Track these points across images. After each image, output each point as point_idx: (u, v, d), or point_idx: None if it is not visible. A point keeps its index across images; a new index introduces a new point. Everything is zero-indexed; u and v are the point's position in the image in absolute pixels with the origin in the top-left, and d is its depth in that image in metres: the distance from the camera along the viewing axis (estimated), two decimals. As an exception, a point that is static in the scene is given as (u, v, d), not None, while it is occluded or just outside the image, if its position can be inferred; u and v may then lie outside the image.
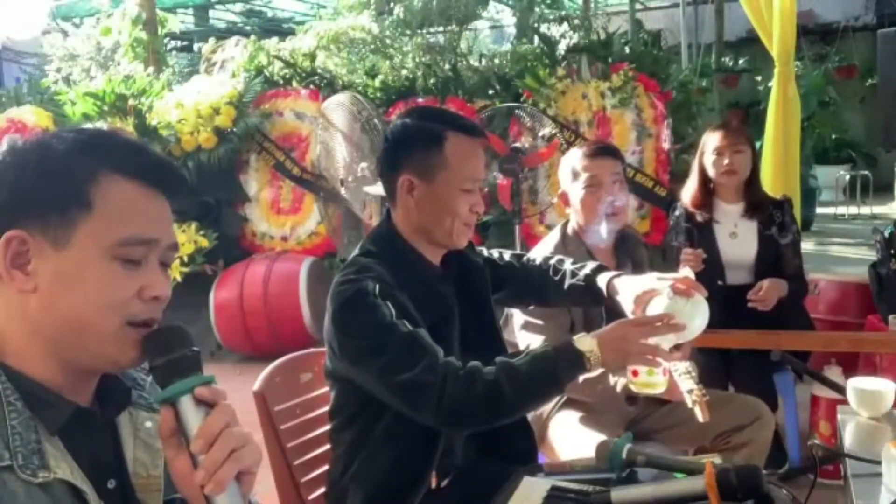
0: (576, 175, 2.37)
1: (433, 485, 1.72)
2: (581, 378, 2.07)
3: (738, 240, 3.02)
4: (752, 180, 3.02)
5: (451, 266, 1.80)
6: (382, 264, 1.66)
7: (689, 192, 3.10)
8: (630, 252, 2.45)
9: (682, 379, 1.84)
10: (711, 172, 3.01)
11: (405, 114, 1.81)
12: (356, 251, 1.75)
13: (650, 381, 1.59)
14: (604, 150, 2.42)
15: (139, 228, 0.94)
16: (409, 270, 1.69)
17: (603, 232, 2.33)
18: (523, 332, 2.27)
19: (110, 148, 0.96)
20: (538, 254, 2.36)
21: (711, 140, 3.01)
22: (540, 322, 2.23)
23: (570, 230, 2.43)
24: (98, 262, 0.91)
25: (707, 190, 3.05)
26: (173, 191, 0.99)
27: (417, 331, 1.55)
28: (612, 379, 2.06)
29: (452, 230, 1.71)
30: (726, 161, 2.96)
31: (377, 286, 1.58)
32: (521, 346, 2.27)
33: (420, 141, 1.69)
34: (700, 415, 1.75)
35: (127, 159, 0.95)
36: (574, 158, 2.40)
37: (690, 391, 1.80)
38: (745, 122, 10.56)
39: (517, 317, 2.31)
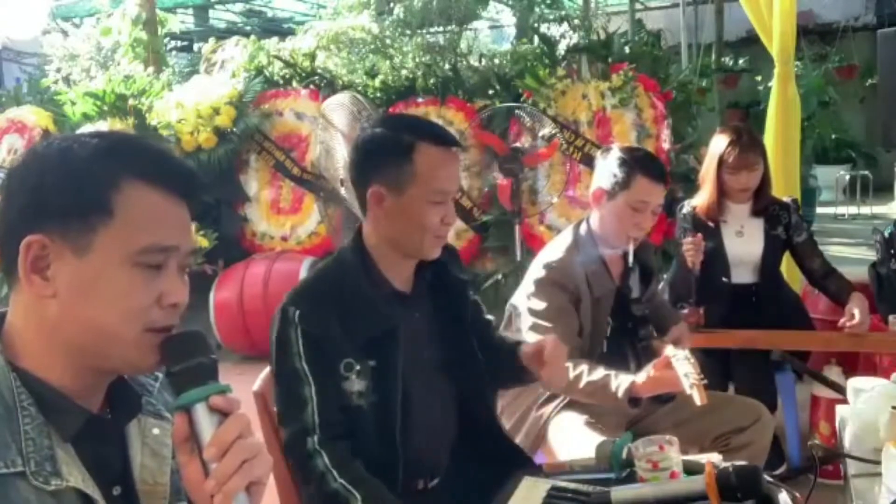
0: (626, 187, 2.22)
1: (420, 486, 1.73)
2: (583, 382, 2.08)
3: (745, 239, 3.02)
4: (763, 184, 3.01)
5: (422, 280, 1.76)
6: (337, 277, 1.69)
7: (703, 201, 3.04)
8: (639, 256, 2.39)
9: (680, 364, 1.85)
10: (727, 183, 2.98)
11: (375, 122, 1.79)
12: (325, 260, 1.79)
13: (657, 474, 1.53)
14: (661, 175, 2.26)
15: (161, 236, 0.93)
16: (356, 288, 1.67)
17: (629, 256, 2.28)
18: (531, 334, 2.23)
19: (133, 154, 0.95)
20: (548, 255, 2.33)
21: (727, 155, 2.93)
22: (549, 325, 2.20)
23: (583, 230, 2.35)
24: (118, 269, 0.91)
25: (720, 197, 3.02)
26: (193, 197, 0.98)
27: (308, 389, 1.60)
28: (613, 384, 2.05)
29: (423, 243, 1.67)
30: (743, 179, 2.95)
31: (297, 312, 1.61)
32: None
33: (389, 152, 1.64)
34: (697, 398, 1.76)
35: (150, 166, 0.95)
36: (629, 167, 2.23)
37: (687, 375, 1.80)
38: (745, 121, 10.55)
39: (525, 318, 2.28)
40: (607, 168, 2.28)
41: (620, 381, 2.03)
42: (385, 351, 1.64)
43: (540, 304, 2.24)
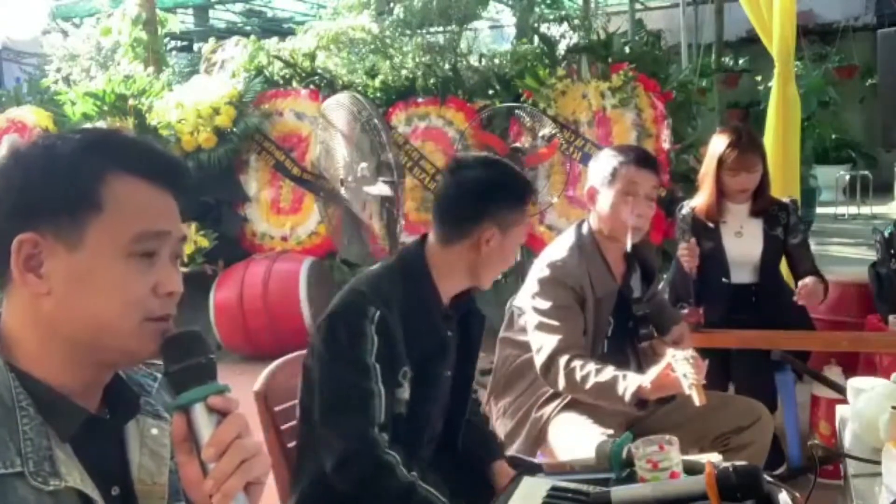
0: (614, 178, 2.26)
1: None
2: (590, 382, 2.07)
3: (744, 239, 3.01)
4: (762, 185, 2.99)
5: (459, 307, 1.85)
6: (398, 284, 1.73)
7: (702, 202, 3.02)
8: (640, 256, 2.39)
9: (679, 364, 1.85)
10: (726, 184, 2.96)
11: (483, 164, 1.86)
12: (385, 260, 1.84)
13: (657, 474, 1.53)
14: (649, 162, 2.31)
15: (151, 222, 0.94)
16: (418, 299, 1.74)
17: (627, 244, 2.28)
18: (538, 333, 2.23)
19: (116, 147, 0.96)
20: (551, 254, 2.34)
21: (726, 156, 2.91)
22: (556, 323, 2.20)
23: (584, 230, 2.35)
24: (112, 260, 0.91)
25: (719, 197, 2.99)
26: (180, 188, 0.99)
27: (376, 386, 1.62)
28: (620, 387, 2.04)
29: (492, 276, 1.84)
30: (742, 180, 2.93)
31: (377, 313, 1.65)
32: (535, 347, 2.24)
33: (510, 198, 1.81)
34: (696, 399, 1.75)
35: (134, 158, 0.95)
36: (615, 160, 2.28)
37: (686, 375, 1.80)
38: (745, 121, 10.56)
39: (531, 317, 2.27)
40: (597, 167, 2.34)
41: (627, 385, 2.01)
42: (432, 364, 1.75)
43: (545, 303, 2.23)
